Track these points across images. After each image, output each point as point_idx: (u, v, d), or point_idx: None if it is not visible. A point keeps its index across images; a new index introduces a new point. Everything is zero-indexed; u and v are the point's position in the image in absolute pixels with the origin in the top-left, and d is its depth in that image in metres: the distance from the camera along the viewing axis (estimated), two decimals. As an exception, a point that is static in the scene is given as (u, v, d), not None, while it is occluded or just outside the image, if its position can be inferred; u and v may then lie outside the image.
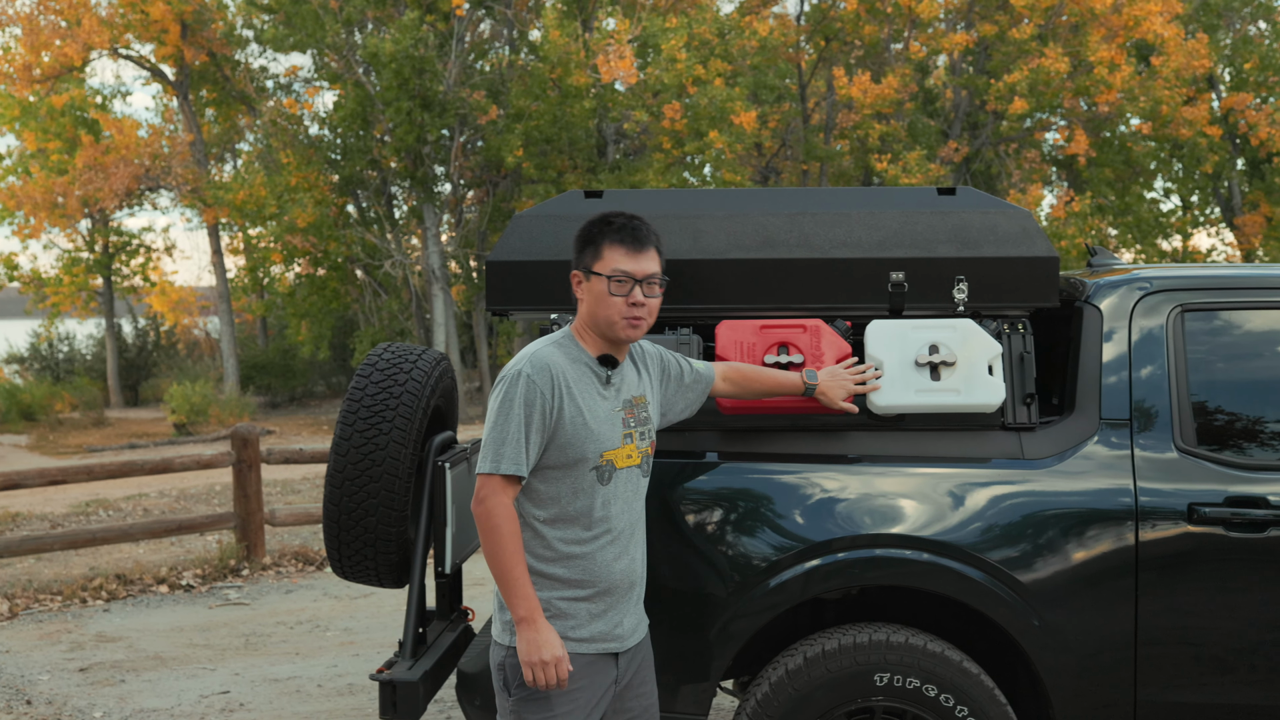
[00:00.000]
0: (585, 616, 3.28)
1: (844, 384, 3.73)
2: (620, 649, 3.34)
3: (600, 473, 3.27)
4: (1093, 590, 3.71)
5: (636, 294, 3.26)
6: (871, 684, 3.68)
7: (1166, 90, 26.68)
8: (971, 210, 3.99)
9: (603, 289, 3.26)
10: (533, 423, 3.19)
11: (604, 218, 3.34)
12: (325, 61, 27.71)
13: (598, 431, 3.26)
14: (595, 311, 3.29)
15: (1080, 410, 3.86)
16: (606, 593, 3.31)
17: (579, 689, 3.26)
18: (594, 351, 3.33)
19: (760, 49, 27.69)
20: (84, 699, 6.28)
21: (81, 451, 22.10)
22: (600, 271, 3.27)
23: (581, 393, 3.27)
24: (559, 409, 3.22)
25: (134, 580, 8.95)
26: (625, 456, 3.33)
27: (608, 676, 3.33)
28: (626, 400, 3.36)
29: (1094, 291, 4.00)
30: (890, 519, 3.72)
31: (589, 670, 3.28)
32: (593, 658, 3.29)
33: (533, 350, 3.28)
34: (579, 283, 3.34)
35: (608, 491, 3.29)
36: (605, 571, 3.30)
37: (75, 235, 32.31)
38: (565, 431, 3.22)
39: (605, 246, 3.28)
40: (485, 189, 28.88)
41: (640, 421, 3.39)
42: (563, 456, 3.24)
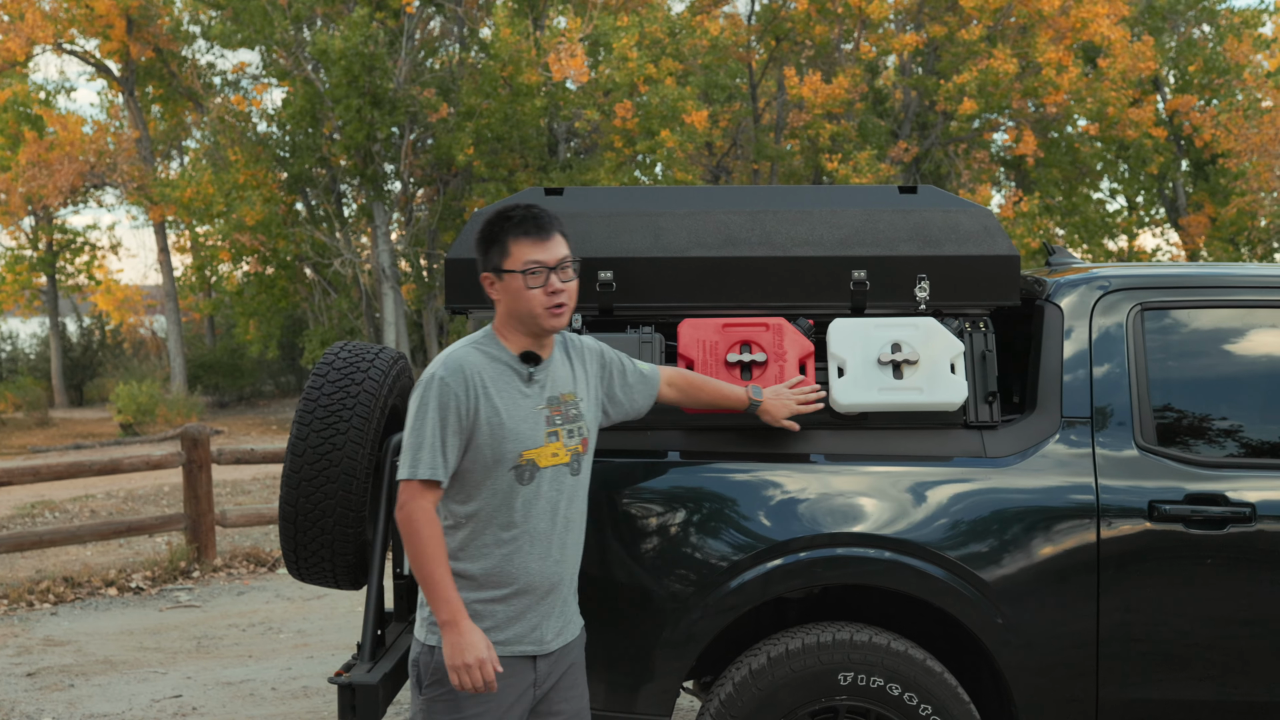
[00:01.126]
0: (501, 618, 3.23)
1: (787, 403, 3.70)
2: (539, 652, 3.28)
3: (520, 472, 3.21)
4: (1054, 587, 3.72)
5: (553, 282, 3.20)
6: (836, 683, 3.67)
7: (1113, 92, 26.95)
8: (933, 209, 4.00)
9: (518, 285, 3.20)
10: (448, 425, 3.15)
11: (502, 214, 3.27)
12: (274, 58, 27.46)
13: (516, 430, 3.20)
14: (515, 308, 3.23)
15: (1041, 409, 3.87)
16: (523, 594, 3.24)
17: (493, 693, 3.19)
18: (515, 349, 3.27)
19: (711, 48, 27.73)
20: (32, 704, 6.17)
21: (25, 452, 21.78)
22: (512, 268, 3.21)
23: (499, 392, 3.21)
24: (474, 410, 3.17)
25: (82, 583, 8.82)
26: (550, 455, 3.25)
27: (524, 679, 3.26)
28: (552, 398, 3.30)
29: (1054, 290, 4.01)
30: (853, 518, 3.71)
31: (505, 672, 3.21)
32: (508, 660, 3.23)
33: (448, 352, 3.24)
34: (491, 284, 3.26)
35: (528, 491, 3.22)
36: (522, 572, 3.23)
37: (18, 233, 31.91)
38: (482, 432, 3.18)
39: (511, 242, 3.22)
40: (435, 187, 28.74)
41: (569, 419, 3.31)
42: (481, 457, 3.19)
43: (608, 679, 3.75)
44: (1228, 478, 3.78)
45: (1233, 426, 3.92)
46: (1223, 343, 3.98)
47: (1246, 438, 3.91)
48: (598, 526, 3.71)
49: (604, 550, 3.74)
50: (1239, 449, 3.90)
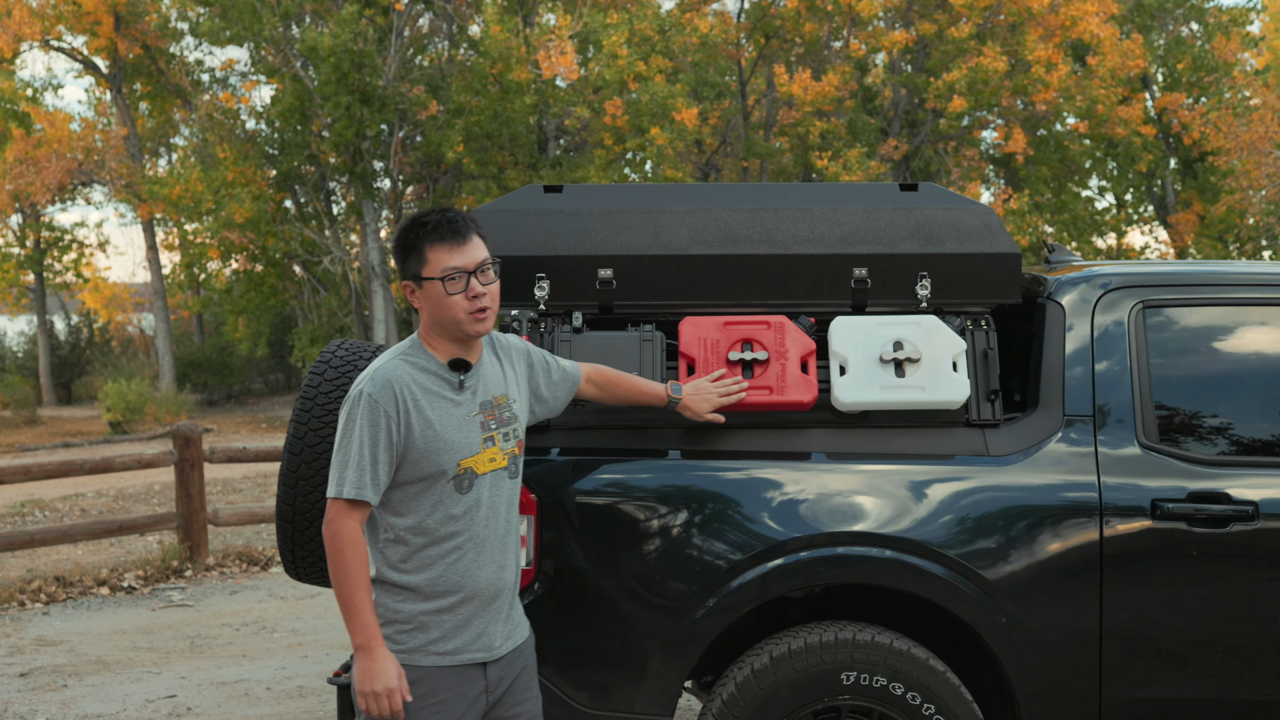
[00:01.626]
0: (449, 627, 3.16)
1: (709, 397, 3.66)
2: (489, 658, 3.21)
3: (459, 482, 3.15)
4: (1057, 586, 3.71)
5: (474, 286, 3.13)
6: (838, 683, 3.65)
7: (1102, 90, 27.00)
8: (934, 206, 3.98)
9: (439, 292, 3.11)
10: (379, 443, 3.07)
11: (417, 220, 3.19)
12: (262, 55, 27.42)
13: (451, 440, 3.13)
14: (439, 316, 3.14)
15: (1044, 407, 3.85)
16: (470, 601, 3.17)
17: (442, 702, 3.14)
18: (444, 357, 3.19)
19: (701, 46, 27.69)
20: (25, 705, 6.14)
21: (14, 450, 21.69)
22: (431, 275, 3.12)
23: (430, 403, 3.13)
24: (406, 425, 3.09)
25: (74, 582, 8.78)
26: (487, 461, 3.20)
27: (475, 687, 3.20)
28: (485, 402, 3.23)
29: (1055, 288, 4.00)
30: (854, 516, 3.70)
31: (455, 681, 3.16)
32: (459, 669, 3.17)
33: (375, 366, 3.16)
34: (412, 293, 3.18)
35: (469, 500, 3.16)
36: (468, 580, 3.16)
37: (6, 230, 31.79)
38: (417, 446, 3.10)
39: (428, 249, 3.13)
40: (425, 185, 28.70)
41: (503, 422, 3.25)
42: (418, 471, 3.12)
43: (609, 679, 3.73)
44: (1230, 476, 3.77)
45: (1235, 424, 3.91)
46: (1225, 340, 3.97)
47: (1249, 436, 3.90)
48: (599, 526, 3.70)
49: (604, 550, 3.72)
50: (1241, 447, 3.89)
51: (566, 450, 3.80)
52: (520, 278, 3.91)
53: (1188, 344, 3.95)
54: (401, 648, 3.14)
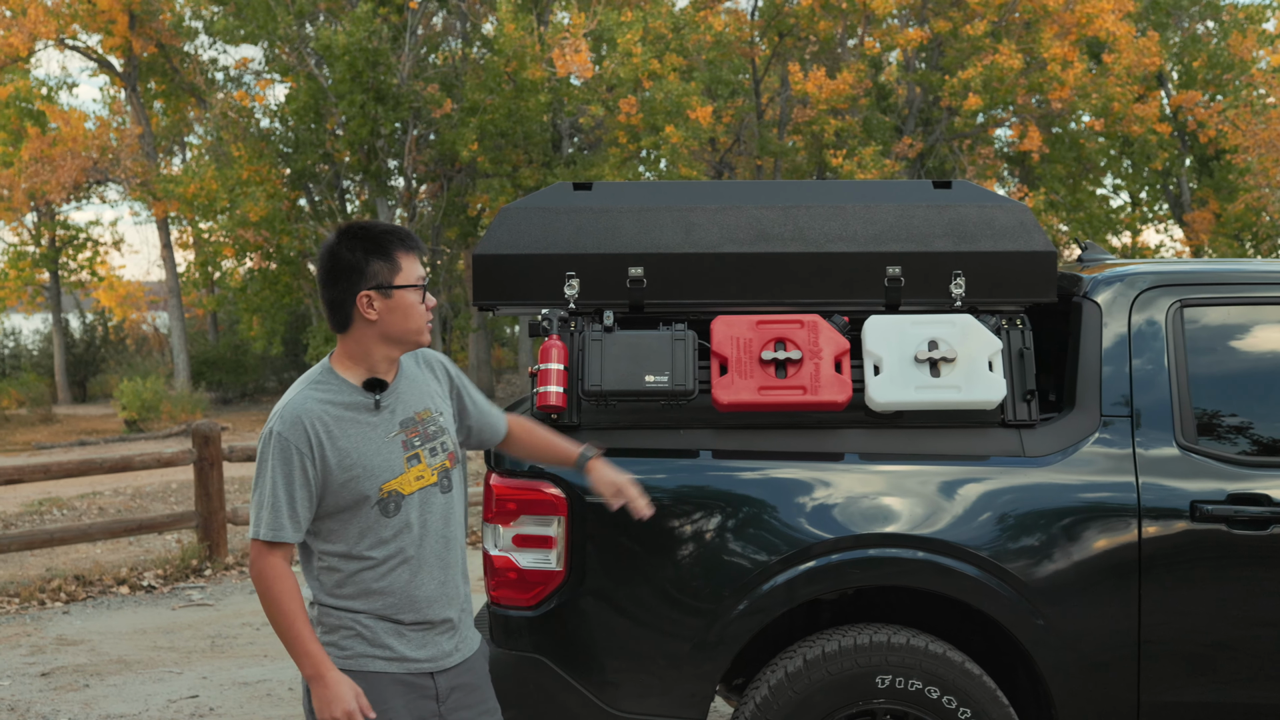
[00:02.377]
0: (396, 642, 3.11)
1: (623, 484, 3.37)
2: (436, 669, 3.16)
3: (384, 506, 3.07)
4: (1095, 589, 3.67)
5: (429, 298, 3.14)
6: (873, 686, 3.61)
7: (1118, 87, 26.89)
8: (968, 204, 3.94)
9: (410, 301, 3.07)
10: (294, 481, 3.01)
11: (380, 228, 3.13)
12: (277, 54, 27.43)
13: (371, 466, 3.05)
14: (402, 326, 3.08)
15: (1080, 407, 3.81)
16: (415, 618, 3.12)
17: (393, 709, 3.09)
18: (358, 380, 3.10)
19: (715, 44, 27.64)
20: (48, 705, 6.12)
21: (29, 449, 21.73)
22: (405, 283, 3.07)
23: (344, 433, 3.05)
24: (321, 459, 3.02)
25: (93, 581, 8.76)
26: (414, 480, 3.11)
27: (427, 694, 3.14)
28: (405, 420, 3.13)
29: (1092, 286, 3.95)
30: (890, 518, 3.66)
31: (405, 691, 3.11)
32: (410, 678, 3.12)
33: (284, 401, 3.08)
34: (371, 304, 3.05)
35: (397, 522, 3.08)
36: (408, 602, 3.11)
37: (21, 229, 31.85)
38: (335, 478, 3.03)
39: (400, 256, 3.07)
40: (439, 183, 28.69)
41: (428, 437, 3.15)
42: (340, 501, 3.05)
43: (639, 682, 3.70)
44: (1270, 477, 3.72)
45: (1275, 425, 3.86)
46: (1263, 339, 3.92)
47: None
48: (629, 527, 3.66)
49: (635, 551, 3.68)
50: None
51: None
52: (550, 276, 3.87)
53: (1226, 343, 3.90)
54: (347, 653, 3.09)
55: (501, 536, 3.73)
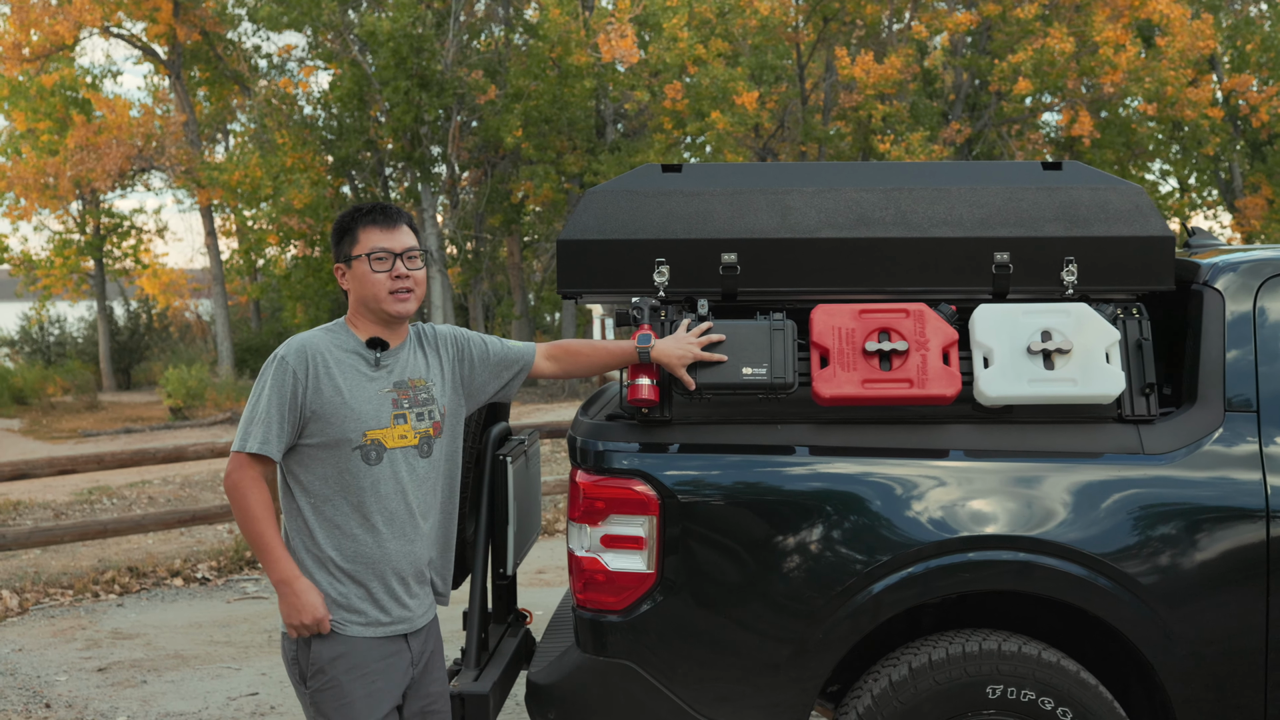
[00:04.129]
0: (370, 605, 3.29)
1: (687, 347, 3.47)
2: (410, 630, 3.36)
3: (365, 452, 3.28)
4: (1220, 592, 3.46)
5: (399, 267, 3.33)
6: (984, 696, 3.41)
7: (1171, 71, 26.41)
8: (1080, 186, 3.72)
9: (365, 270, 3.32)
10: (285, 402, 3.24)
11: (354, 209, 3.41)
12: (320, 40, 27.33)
13: (359, 410, 3.27)
14: (363, 293, 3.34)
15: (1203, 401, 3.59)
16: (382, 575, 3.30)
17: (375, 673, 3.27)
18: (364, 335, 3.37)
19: (760, 28, 27.33)
20: (105, 702, 5.99)
21: (76, 436, 21.78)
22: (359, 253, 3.33)
23: (343, 373, 3.30)
24: (314, 388, 3.26)
25: (147, 573, 8.65)
26: (397, 436, 3.32)
27: (403, 659, 3.34)
28: (399, 382, 3.37)
29: (1212, 273, 3.72)
30: (1000, 519, 3.45)
31: (383, 652, 3.29)
32: (385, 640, 3.30)
33: (296, 335, 3.38)
34: (343, 275, 3.40)
35: (376, 473, 3.29)
36: (381, 554, 3.30)
37: (66, 217, 31.92)
38: (324, 409, 3.26)
39: (360, 231, 3.35)
40: (483, 170, 28.55)
41: (417, 403, 3.38)
42: (323, 434, 3.26)
43: (737, 690, 3.51)
44: None
45: None
46: (1399, 330, 3.68)
47: None
48: (724, 526, 3.48)
49: (732, 552, 3.50)
50: None
51: (688, 446, 3.57)
52: (639, 262, 3.69)
53: (1359, 334, 3.66)
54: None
55: (589, 537, 3.55)
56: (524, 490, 4.31)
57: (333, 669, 3.25)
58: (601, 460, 3.56)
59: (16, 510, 11.62)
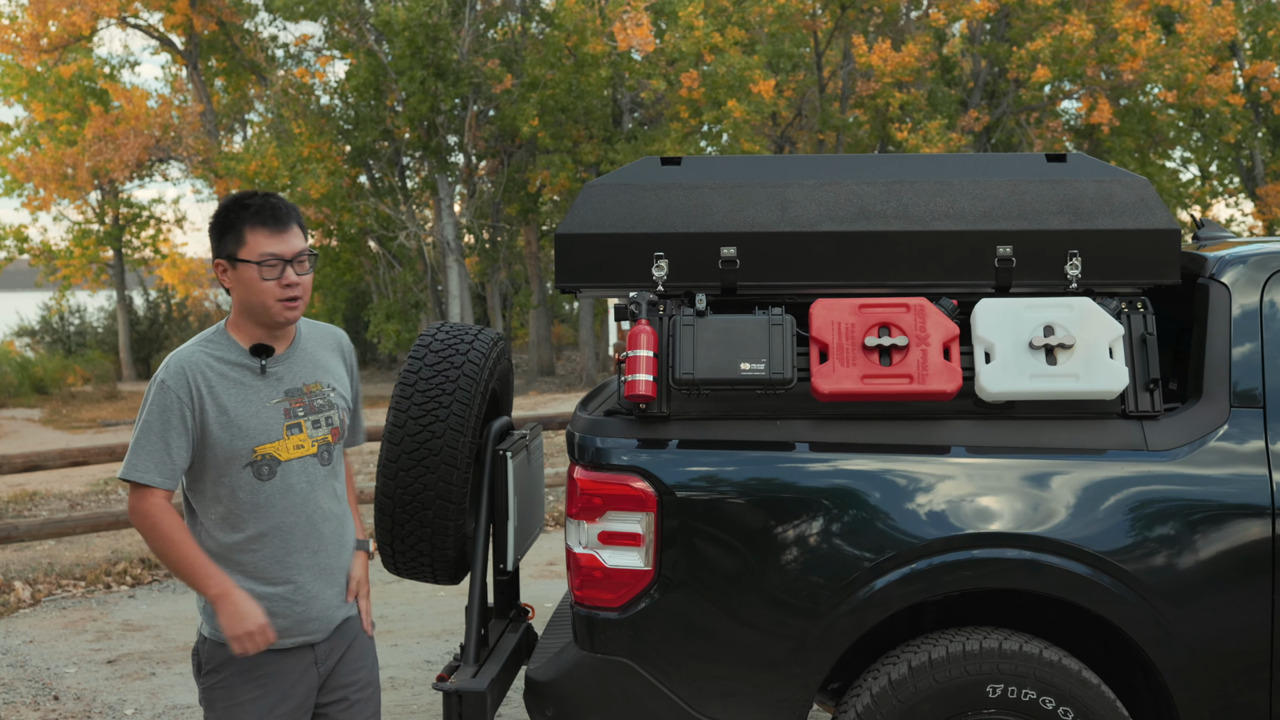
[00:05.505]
0: (270, 615, 3.14)
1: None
2: (314, 640, 3.25)
3: (257, 468, 3.14)
4: (1224, 590, 3.41)
5: (289, 275, 3.13)
6: (984, 696, 3.37)
7: (1192, 58, 26.22)
8: (1084, 178, 3.67)
9: (253, 276, 3.11)
10: (171, 428, 3.07)
11: (238, 200, 3.17)
12: (337, 30, 27.34)
13: (247, 427, 3.13)
14: (248, 299, 3.14)
15: (1208, 396, 3.54)
16: (293, 587, 3.19)
17: (267, 675, 3.17)
18: (246, 342, 3.19)
19: (777, 16, 27.24)
20: (114, 694, 6.00)
21: (95, 425, 21.87)
22: (247, 258, 3.11)
23: (226, 390, 3.13)
24: (200, 410, 3.10)
25: (159, 565, 8.66)
26: (292, 448, 3.19)
27: (303, 661, 3.23)
28: (292, 389, 3.22)
29: (1218, 267, 3.67)
30: (1002, 516, 3.41)
31: (279, 659, 3.19)
32: (290, 652, 3.21)
33: (174, 353, 3.16)
34: (224, 272, 3.16)
35: (270, 488, 3.16)
36: (280, 569, 3.18)
37: (85, 207, 32.03)
38: (211, 432, 3.11)
39: (247, 231, 3.12)
40: (499, 159, 28.54)
41: (313, 410, 3.24)
42: (213, 455, 3.12)
43: (735, 687, 3.48)
44: None
45: None
46: None
47: None
48: (723, 523, 3.45)
49: (730, 548, 3.46)
50: None
51: (687, 442, 3.54)
52: (637, 256, 3.65)
53: (1367, 328, 3.61)
54: (218, 635, 3.15)
55: (586, 533, 3.52)
56: (525, 485, 4.29)
57: (226, 669, 3.16)
58: (599, 456, 3.53)
59: (32, 501, 11.67)
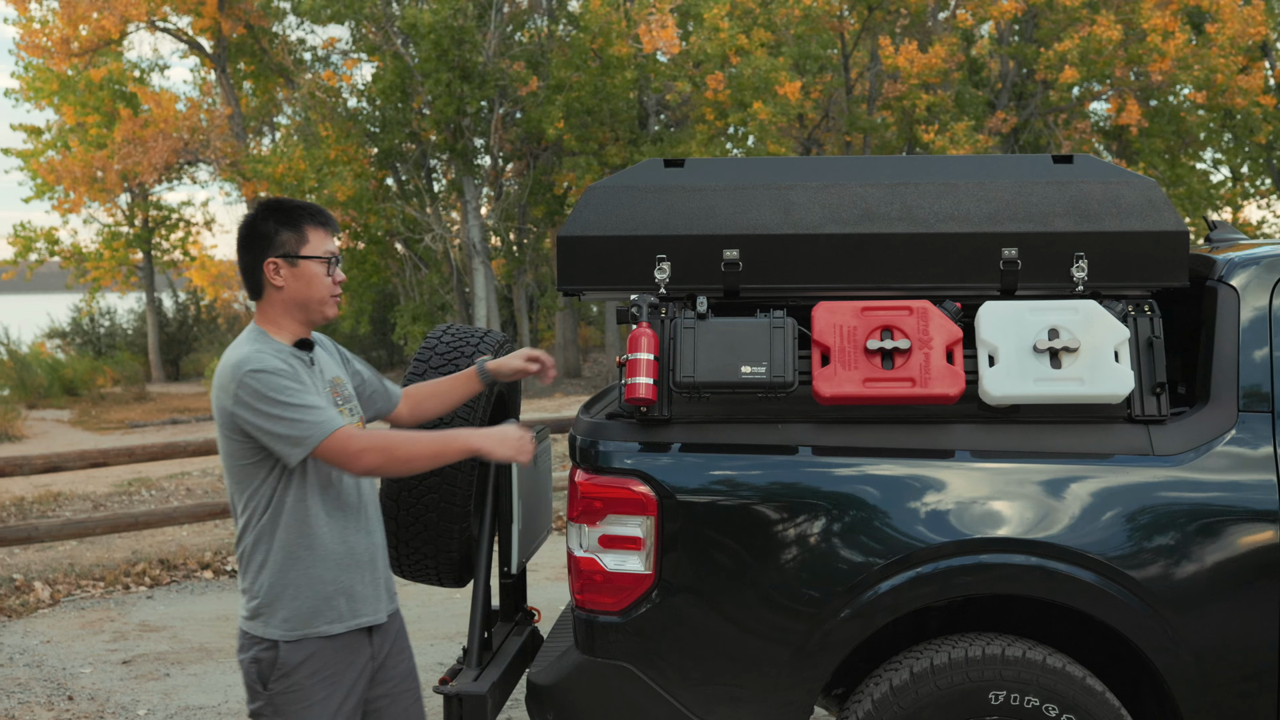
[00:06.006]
0: (342, 600, 3.26)
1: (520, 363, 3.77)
2: (374, 623, 3.35)
3: None
4: (1231, 597, 3.37)
5: (338, 273, 3.34)
6: (986, 702, 3.34)
7: (1222, 59, 26.00)
8: (1091, 180, 3.63)
9: (313, 272, 3.28)
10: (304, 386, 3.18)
11: (291, 202, 3.35)
12: (363, 33, 27.44)
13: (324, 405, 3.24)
14: (305, 295, 3.28)
15: (1215, 401, 3.50)
16: (356, 567, 3.30)
17: (335, 673, 3.25)
18: (289, 340, 3.31)
19: (804, 18, 27.16)
20: (127, 694, 6.02)
21: (124, 427, 22.00)
22: (311, 254, 3.27)
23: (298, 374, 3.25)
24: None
25: (178, 565, 8.71)
26: None
27: (362, 655, 3.32)
28: (328, 380, 3.38)
29: (1227, 269, 3.63)
30: (1006, 521, 3.38)
31: (344, 652, 3.28)
32: (348, 638, 3.29)
33: (243, 356, 3.17)
34: (277, 270, 3.26)
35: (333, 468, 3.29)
36: (349, 546, 3.30)
37: (115, 209, 32.24)
38: None
39: (309, 229, 3.29)
40: (525, 161, 28.57)
41: (345, 399, 3.42)
42: None
43: (736, 692, 3.46)
44: None
45: None
46: None
47: None
48: (725, 526, 3.43)
49: (731, 552, 3.44)
50: None
51: (689, 446, 3.52)
52: (639, 259, 3.64)
53: (1379, 331, 3.56)
54: (295, 633, 3.20)
55: (587, 536, 3.51)
56: (531, 488, 4.28)
57: (299, 671, 3.20)
58: (600, 459, 3.51)
59: (57, 501, 11.74)
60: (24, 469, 8.05)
